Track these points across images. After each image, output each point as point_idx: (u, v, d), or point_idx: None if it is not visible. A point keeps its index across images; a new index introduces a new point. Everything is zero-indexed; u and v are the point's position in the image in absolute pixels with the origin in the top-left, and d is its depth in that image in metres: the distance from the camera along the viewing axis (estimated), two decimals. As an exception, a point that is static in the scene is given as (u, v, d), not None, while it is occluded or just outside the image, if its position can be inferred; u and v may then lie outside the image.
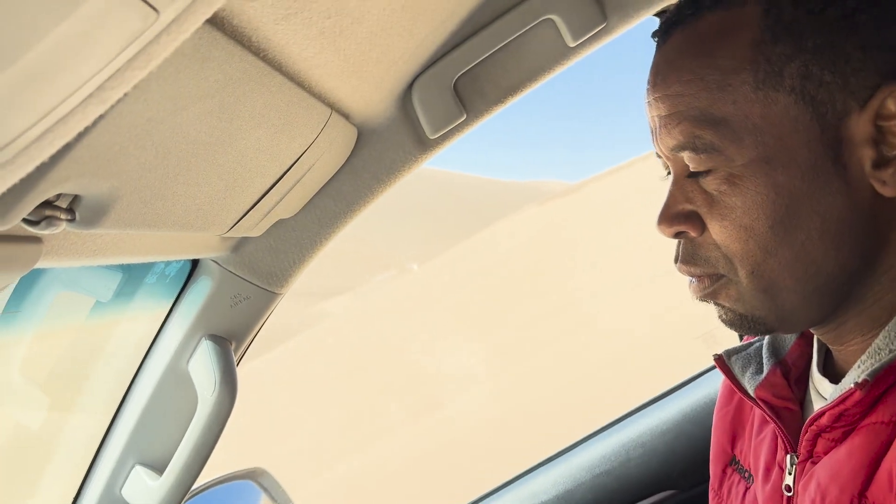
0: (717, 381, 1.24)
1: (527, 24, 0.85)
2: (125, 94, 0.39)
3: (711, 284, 0.61)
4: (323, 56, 0.63)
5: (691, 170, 0.60)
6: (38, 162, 0.39)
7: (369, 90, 0.79)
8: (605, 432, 1.26)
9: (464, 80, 0.88)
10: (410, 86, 0.86)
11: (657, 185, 0.66)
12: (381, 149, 0.90)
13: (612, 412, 1.35)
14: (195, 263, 0.92)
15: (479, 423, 7.94)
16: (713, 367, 1.29)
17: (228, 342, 0.93)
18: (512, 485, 1.21)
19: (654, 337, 7.76)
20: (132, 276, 0.90)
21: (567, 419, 6.42)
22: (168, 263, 0.90)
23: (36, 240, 0.53)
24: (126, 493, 0.94)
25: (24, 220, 0.48)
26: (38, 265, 0.56)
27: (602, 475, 1.16)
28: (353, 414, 10.40)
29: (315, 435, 10.05)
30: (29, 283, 0.83)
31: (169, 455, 0.91)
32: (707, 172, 0.59)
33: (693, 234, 0.61)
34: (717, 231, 0.59)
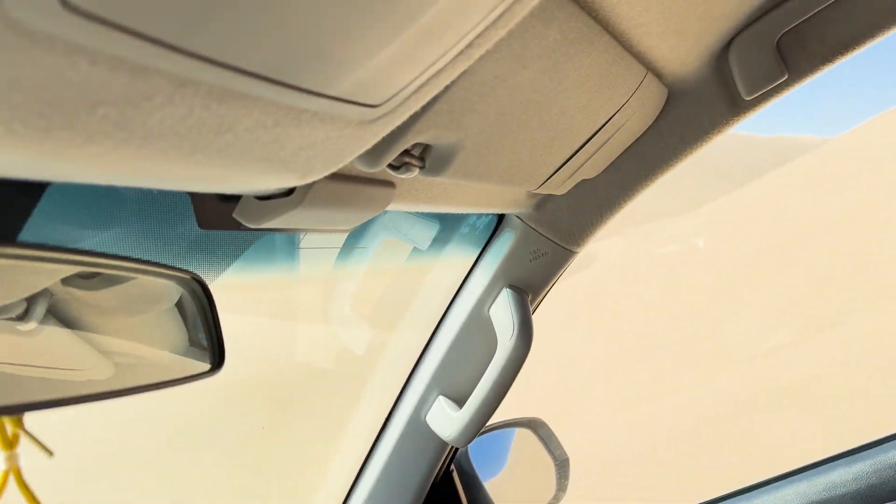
0: None
1: None
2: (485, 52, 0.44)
3: None
4: (648, 14, 0.64)
5: None
6: (412, 111, 0.46)
7: (686, 49, 0.78)
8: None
9: (788, 37, 0.82)
10: (728, 44, 0.83)
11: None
12: (689, 110, 0.88)
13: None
14: (500, 218, 0.99)
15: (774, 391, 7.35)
16: None
17: (526, 293, 0.99)
18: (807, 472, 1.13)
19: None
20: (448, 227, 0.99)
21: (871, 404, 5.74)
22: (479, 216, 0.98)
23: (390, 184, 0.61)
24: (429, 418, 1.05)
25: (389, 165, 0.56)
26: (389, 207, 0.65)
27: (916, 478, 1.04)
28: (632, 363, 10.25)
29: (589, 381, 10.10)
30: (365, 226, 0.96)
31: (468, 391, 1.00)
32: None
33: None
34: None
